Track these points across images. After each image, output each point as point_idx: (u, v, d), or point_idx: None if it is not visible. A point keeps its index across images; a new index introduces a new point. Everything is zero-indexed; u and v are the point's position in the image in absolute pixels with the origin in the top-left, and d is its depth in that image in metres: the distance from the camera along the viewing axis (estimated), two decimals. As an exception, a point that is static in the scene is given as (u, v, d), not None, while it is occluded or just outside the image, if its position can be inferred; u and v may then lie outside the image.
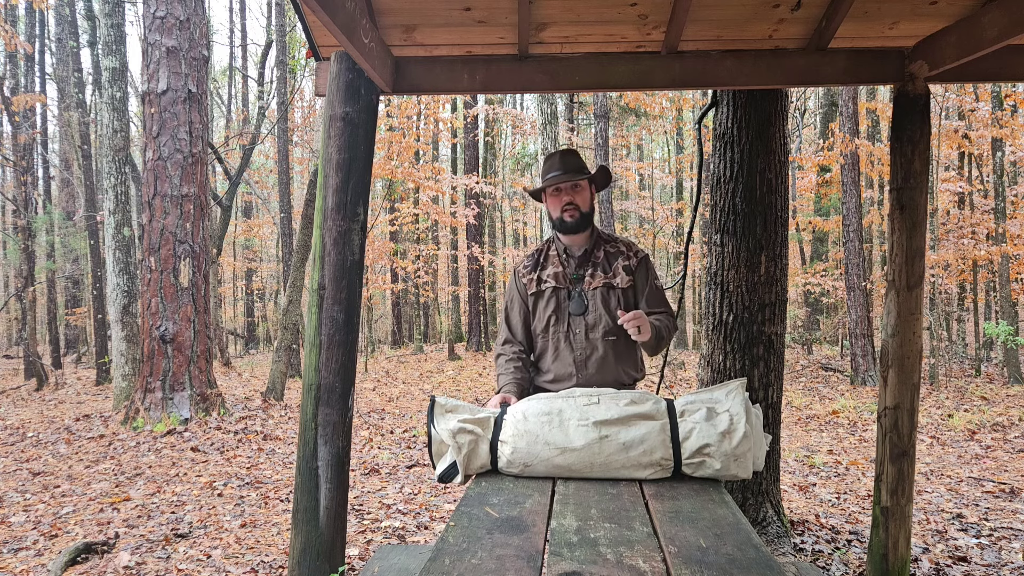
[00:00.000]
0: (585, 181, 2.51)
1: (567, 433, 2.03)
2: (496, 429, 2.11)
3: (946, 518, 4.01)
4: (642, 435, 2.01)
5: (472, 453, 2.08)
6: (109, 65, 8.15)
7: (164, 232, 7.21)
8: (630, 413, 2.04)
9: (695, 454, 2.00)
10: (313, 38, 2.63)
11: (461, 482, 2.11)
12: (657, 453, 2.00)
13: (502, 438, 2.09)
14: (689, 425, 2.04)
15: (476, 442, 2.09)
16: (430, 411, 2.19)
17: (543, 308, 2.53)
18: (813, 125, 17.44)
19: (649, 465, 2.01)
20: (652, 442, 2.00)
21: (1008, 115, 10.96)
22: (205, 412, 7.20)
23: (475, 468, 2.10)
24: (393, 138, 11.89)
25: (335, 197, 2.45)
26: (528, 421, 2.07)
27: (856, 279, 10.93)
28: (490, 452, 2.09)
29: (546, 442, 2.03)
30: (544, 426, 2.05)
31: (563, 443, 2.01)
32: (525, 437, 2.05)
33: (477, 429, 2.10)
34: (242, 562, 3.39)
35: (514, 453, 2.05)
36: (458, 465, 2.08)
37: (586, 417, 2.05)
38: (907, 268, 2.68)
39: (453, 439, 2.07)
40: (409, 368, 14.29)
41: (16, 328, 18.93)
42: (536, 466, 2.04)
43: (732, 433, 2.01)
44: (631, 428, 2.02)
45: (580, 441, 2.01)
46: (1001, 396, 8.88)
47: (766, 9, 2.49)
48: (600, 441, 2.00)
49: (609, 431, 2.01)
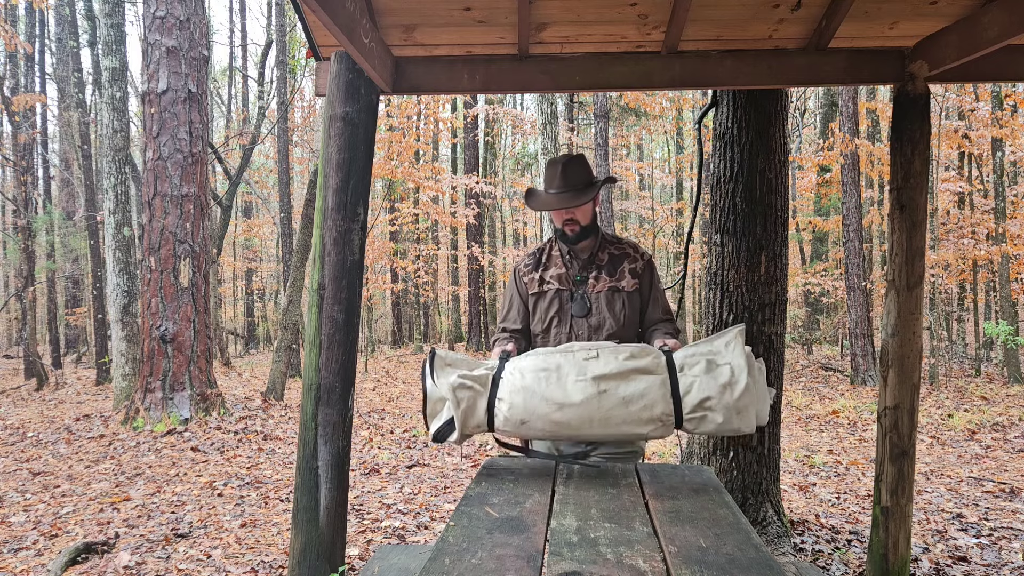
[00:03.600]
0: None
1: (565, 388, 1.98)
2: (494, 387, 2.06)
3: (946, 518, 4.01)
4: (642, 390, 1.95)
5: (470, 410, 2.03)
6: (109, 65, 8.15)
7: (164, 232, 7.21)
8: (629, 368, 1.99)
9: (696, 408, 1.95)
10: (313, 38, 2.63)
11: (457, 440, 2.05)
12: (657, 408, 1.95)
13: (499, 395, 2.04)
14: (689, 379, 1.98)
15: (474, 399, 2.04)
16: (430, 363, 2.13)
17: (544, 309, 2.51)
18: (813, 125, 17.44)
19: (650, 421, 1.95)
20: (652, 396, 1.95)
21: (1008, 115, 10.96)
22: (205, 412, 7.20)
23: (472, 426, 2.05)
24: (393, 138, 11.89)
25: (335, 197, 2.45)
26: (525, 377, 2.03)
27: (856, 279, 10.93)
28: (487, 410, 2.04)
29: (544, 397, 1.98)
30: (542, 382, 2.00)
31: (561, 398, 1.97)
32: (522, 393, 2.00)
33: (476, 385, 2.05)
34: (242, 562, 3.39)
35: (511, 409, 2.00)
36: (455, 422, 2.03)
37: (584, 372, 1.99)
38: (907, 268, 2.68)
39: (453, 394, 2.01)
40: (409, 368, 14.29)
41: (16, 328, 18.92)
42: (533, 422, 1.99)
43: (734, 385, 1.95)
44: (631, 383, 1.97)
45: (578, 396, 1.96)
46: (1001, 396, 8.88)
47: (766, 9, 2.49)
48: (599, 396, 1.95)
49: (608, 385, 1.96)
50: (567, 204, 2.40)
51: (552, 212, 2.49)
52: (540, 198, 2.51)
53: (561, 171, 2.45)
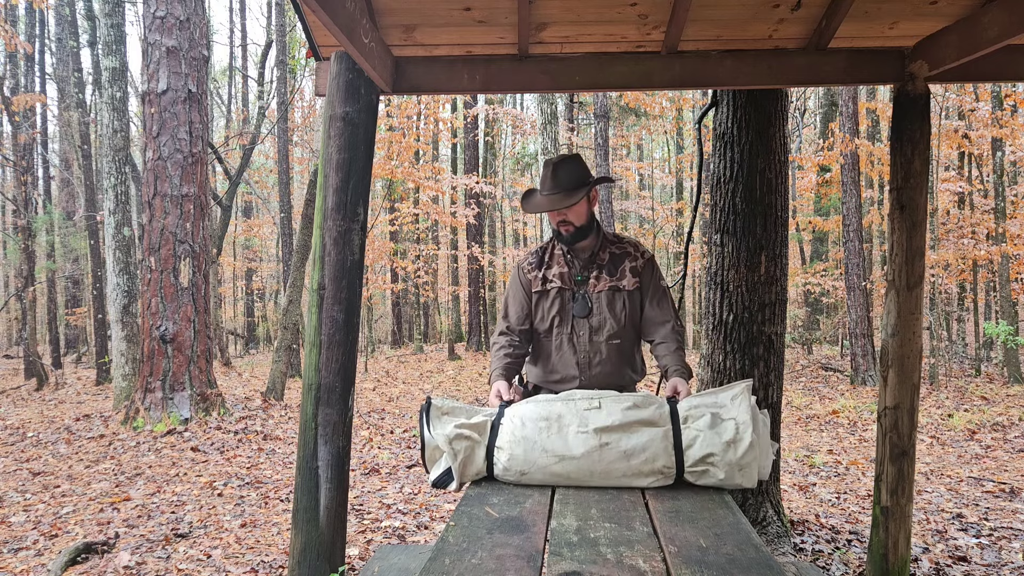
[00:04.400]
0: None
1: (566, 440, 1.95)
2: (492, 435, 2.03)
3: (946, 518, 4.01)
4: (644, 443, 1.93)
5: (468, 460, 2.01)
6: (109, 65, 8.15)
7: (164, 232, 7.21)
8: (632, 419, 1.97)
9: (698, 463, 1.93)
10: (313, 38, 2.63)
11: (456, 488, 2.05)
12: (659, 461, 1.93)
13: (499, 444, 2.01)
14: (693, 433, 1.96)
15: (472, 448, 2.02)
16: (426, 413, 2.10)
17: (547, 308, 2.51)
18: (813, 125, 17.44)
19: (651, 473, 1.94)
20: (654, 450, 1.93)
21: (1008, 115, 10.96)
22: (205, 412, 7.20)
23: (471, 475, 2.03)
24: (393, 138, 11.89)
25: (335, 197, 2.45)
26: (526, 427, 2.00)
27: (856, 279, 10.93)
28: (486, 458, 2.02)
29: (544, 449, 1.95)
30: (542, 432, 1.97)
31: (562, 451, 1.94)
32: (523, 444, 1.97)
33: (474, 435, 2.02)
34: (242, 562, 3.39)
35: (511, 460, 1.98)
36: (453, 472, 2.01)
37: (586, 423, 1.97)
38: (907, 268, 2.68)
39: (449, 445, 1.99)
40: (409, 368, 14.29)
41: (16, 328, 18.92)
42: (533, 474, 1.97)
43: (738, 443, 1.92)
44: (632, 435, 1.94)
45: (579, 449, 1.93)
46: (1001, 396, 8.88)
47: (766, 9, 2.49)
48: (600, 449, 1.93)
49: (610, 438, 1.94)
50: (556, 206, 2.38)
51: (548, 212, 2.49)
52: (532, 200, 2.51)
53: (552, 172, 2.43)
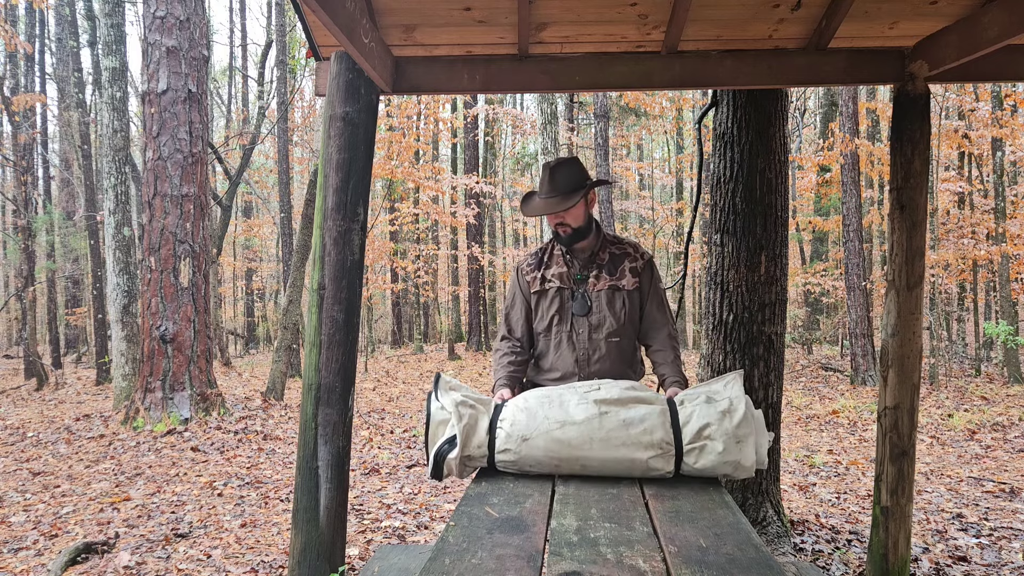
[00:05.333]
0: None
1: (567, 409, 2.04)
2: (496, 412, 2.13)
3: (946, 518, 4.01)
4: (642, 415, 2.02)
5: (471, 427, 2.07)
6: (109, 65, 8.15)
7: (164, 232, 7.21)
8: (630, 396, 2.08)
9: (696, 437, 1.99)
10: (313, 38, 2.63)
11: (457, 460, 2.04)
12: (657, 434, 1.99)
13: (502, 417, 2.10)
14: (689, 410, 2.05)
15: (477, 417, 2.09)
16: (435, 384, 2.19)
17: (546, 307, 2.53)
18: (813, 125, 17.43)
19: (650, 446, 1.98)
20: (652, 422, 2.00)
21: (1008, 115, 10.95)
22: (205, 412, 7.20)
23: (473, 445, 2.06)
24: (393, 138, 11.88)
25: (335, 197, 2.45)
26: (528, 401, 2.11)
27: (856, 279, 10.93)
28: (489, 431, 2.07)
29: (546, 416, 2.03)
30: (544, 405, 2.07)
31: (563, 417, 2.02)
32: (525, 412, 2.06)
33: (479, 405, 2.12)
34: (242, 562, 3.39)
35: (513, 426, 2.04)
36: (457, 438, 2.04)
37: (586, 398, 2.07)
38: (907, 268, 2.68)
39: (456, 408, 2.07)
40: (409, 368, 14.29)
41: (16, 328, 18.92)
42: (535, 439, 2.01)
43: (732, 412, 2.02)
44: (631, 409, 2.04)
45: (580, 415, 2.01)
46: (1001, 396, 8.87)
47: (766, 9, 2.49)
48: (600, 416, 2.01)
49: (609, 408, 2.03)
50: (553, 209, 2.41)
51: (546, 214, 2.51)
52: (530, 203, 2.54)
53: (549, 176, 2.47)
